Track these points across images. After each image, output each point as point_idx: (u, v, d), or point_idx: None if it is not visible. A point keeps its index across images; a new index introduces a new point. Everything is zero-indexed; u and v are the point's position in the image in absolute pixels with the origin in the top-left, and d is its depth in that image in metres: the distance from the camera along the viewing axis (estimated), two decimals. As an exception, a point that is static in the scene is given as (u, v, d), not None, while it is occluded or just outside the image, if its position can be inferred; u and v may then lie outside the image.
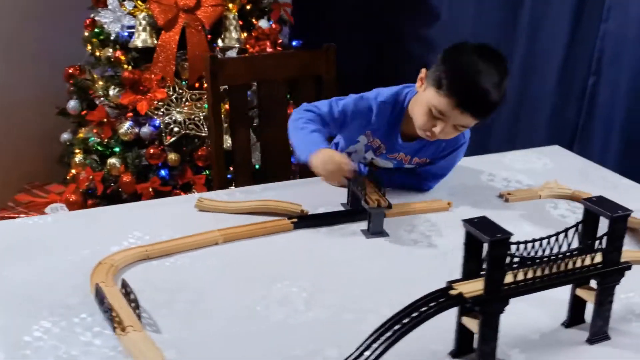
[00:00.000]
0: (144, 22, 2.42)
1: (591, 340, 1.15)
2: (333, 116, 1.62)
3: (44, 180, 2.87)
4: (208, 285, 1.26)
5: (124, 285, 1.19)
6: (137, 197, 2.49)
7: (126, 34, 2.46)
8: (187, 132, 2.46)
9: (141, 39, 2.43)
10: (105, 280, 1.22)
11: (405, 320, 0.99)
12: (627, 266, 1.13)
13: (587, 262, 1.10)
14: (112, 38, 2.48)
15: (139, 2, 2.44)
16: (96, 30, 2.53)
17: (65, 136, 2.70)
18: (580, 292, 1.15)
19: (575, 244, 1.11)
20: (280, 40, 2.53)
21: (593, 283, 1.15)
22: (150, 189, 2.46)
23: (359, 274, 1.33)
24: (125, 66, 2.45)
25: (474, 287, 1.03)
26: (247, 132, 2.10)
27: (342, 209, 1.58)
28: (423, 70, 1.56)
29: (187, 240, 1.39)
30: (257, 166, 2.35)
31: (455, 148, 1.68)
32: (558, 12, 2.50)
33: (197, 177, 2.48)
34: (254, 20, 2.54)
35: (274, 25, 2.53)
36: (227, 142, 2.46)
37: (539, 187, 1.73)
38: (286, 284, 1.27)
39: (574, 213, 1.62)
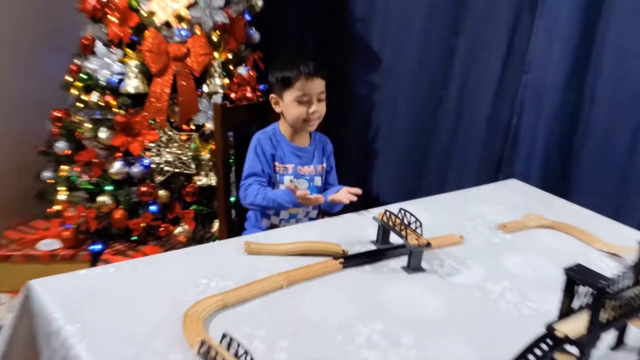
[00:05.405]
0: (135, 70, 2.23)
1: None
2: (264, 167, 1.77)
3: (20, 217, 2.56)
4: (289, 330, 1.14)
5: (230, 339, 1.05)
6: (129, 232, 2.30)
7: (115, 79, 2.26)
8: (176, 170, 2.28)
9: (133, 85, 2.24)
10: (204, 335, 1.08)
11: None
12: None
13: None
14: (100, 83, 2.26)
15: (129, 50, 2.25)
16: (82, 75, 2.30)
17: (46, 174, 2.45)
18: (635, 323, 1.14)
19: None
20: (259, 86, 2.41)
21: None
22: (143, 225, 2.27)
23: (424, 310, 1.24)
24: (116, 110, 2.24)
25: (574, 327, 0.98)
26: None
27: (372, 246, 1.50)
28: (271, 96, 1.80)
29: (256, 286, 1.26)
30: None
31: (328, 145, 1.89)
32: (487, 63, 2.55)
33: (185, 212, 2.31)
34: (231, 67, 2.40)
35: (251, 72, 2.41)
36: (212, 179, 2.33)
37: (524, 219, 1.72)
38: (360, 326, 1.17)
39: (562, 243, 1.62)
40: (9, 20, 2.54)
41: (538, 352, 0.95)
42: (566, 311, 1.02)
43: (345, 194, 1.68)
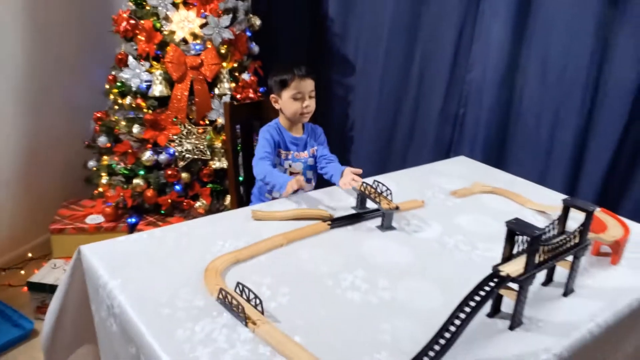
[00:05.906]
0: (160, 77, 2.16)
1: (565, 294, 1.13)
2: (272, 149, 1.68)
3: (71, 198, 2.51)
4: (289, 278, 1.12)
5: (243, 287, 1.02)
6: (158, 207, 2.25)
7: (144, 86, 2.19)
8: (195, 156, 2.23)
9: (158, 90, 2.18)
10: (222, 284, 1.05)
11: (477, 298, 0.91)
12: (588, 244, 1.11)
13: (572, 243, 1.07)
14: (132, 89, 2.19)
15: (155, 62, 2.18)
16: (118, 83, 2.24)
17: (92, 163, 2.39)
18: (560, 264, 1.12)
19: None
20: (259, 88, 2.35)
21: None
22: (169, 200, 2.22)
23: (395, 259, 1.23)
24: (146, 110, 2.18)
25: (514, 268, 0.97)
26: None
27: (353, 211, 1.48)
28: (271, 96, 1.71)
29: (262, 245, 1.24)
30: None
31: (318, 130, 1.79)
32: (438, 66, 2.51)
33: (203, 190, 2.26)
34: (236, 74, 2.35)
35: (252, 78, 2.35)
36: (224, 162, 2.28)
37: (471, 187, 1.70)
38: (345, 273, 1.15)
39: (501, 204, 1.61)
40: (64, 43, 2.48)
41: (487, 288, 0.93)
42: (508, 256, 1.00)
43: (350, 178, 1.57)
